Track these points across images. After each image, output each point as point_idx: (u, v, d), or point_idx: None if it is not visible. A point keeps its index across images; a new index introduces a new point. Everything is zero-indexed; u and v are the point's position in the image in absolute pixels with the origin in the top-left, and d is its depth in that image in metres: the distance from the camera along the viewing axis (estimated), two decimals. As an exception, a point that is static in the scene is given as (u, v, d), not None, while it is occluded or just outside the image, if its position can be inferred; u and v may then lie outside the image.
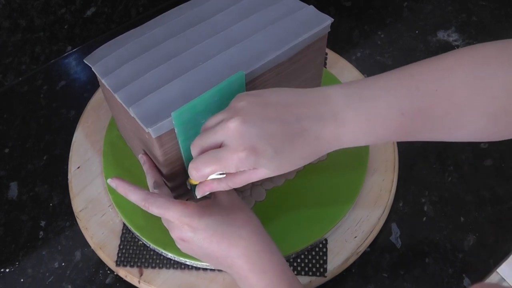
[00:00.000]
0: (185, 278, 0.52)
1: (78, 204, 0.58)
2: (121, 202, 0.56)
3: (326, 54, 0.71)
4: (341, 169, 0.58)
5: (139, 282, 0.52)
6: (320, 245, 0.54)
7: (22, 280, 0.55)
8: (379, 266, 0.54)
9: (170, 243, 0.52)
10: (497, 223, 0.57)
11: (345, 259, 0.53)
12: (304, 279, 0.52)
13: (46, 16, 0.70)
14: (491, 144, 0.64)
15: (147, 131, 0.43)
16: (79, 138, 0.64)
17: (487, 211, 0.58)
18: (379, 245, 0.56)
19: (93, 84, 0.72)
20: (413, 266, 0.54)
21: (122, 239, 0.55)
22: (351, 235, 0.54)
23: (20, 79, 0.73)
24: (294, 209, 0.55)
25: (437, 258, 0.54)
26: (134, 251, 0.54)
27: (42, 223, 0.59)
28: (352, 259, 0.53)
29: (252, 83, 0.48)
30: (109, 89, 0.46)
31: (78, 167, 0.61)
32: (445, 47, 0.76)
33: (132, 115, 0.44)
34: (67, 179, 0.61)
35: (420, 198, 0.59)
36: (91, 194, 0.59)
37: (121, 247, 0.54)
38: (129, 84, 0.46)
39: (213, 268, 0.52)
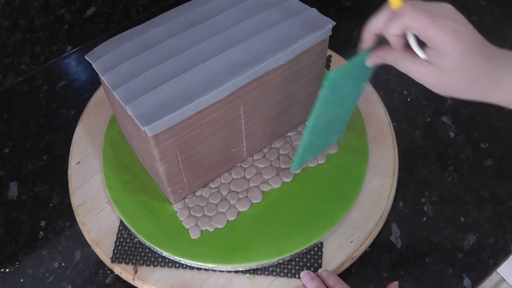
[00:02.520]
0: (179, 277, 0.52)
1: (77, 199, 0.58)
2: (118, 199, 0.56)
3: (330, 56, 0.70)
4: (339, 173, 0.58)
5: (133, 279, 0.52)
6: (316, 249, 0.54)
7: (22, 280, 0.55)
8: (379, 266, 0.54)
9: (165, 241, 0.53)
10: (497, 223, 0.57)
11: (340, 264, 0.53)
12: (297, 282, 0.52)
13: (46, 16, 0.70)
14: (491, 144, 0.64)
15: (143, 129, 0.43)
16: (80, 134, 0.64)
17: (487, 211, 0.58)
18: (379, 245, 0.56)
19: (93, 84, 0.72)
20: (413, 266, 0.54)
21: (119, 235, 0.55)
22: (346, 239, 0.54)
23: (20, 79, 0.73)
24: (291, 211, 0.55)
25: (437, 258, 0.54)
26: (129, 248, 0.54)
27: (42, 223, 0.59)
28: (347, 264, 0.53)
29: (251, 84, 0.48)
30: (108, 86, 0.46)
31: (78, 162, 0.61)
32: (445, 47, 0.75)
33: (129, 113, 0.44)
34: (67, 179, 0.61)
35: (420, 198, 0.59)
36: (90, 189, 0.59)
37: (117, 243, 0.54)
38: (128, 82, 0.46)
39: (207, 268, 0.52)
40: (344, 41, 0.77)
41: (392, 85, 0.71)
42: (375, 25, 0.43)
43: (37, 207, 0.60)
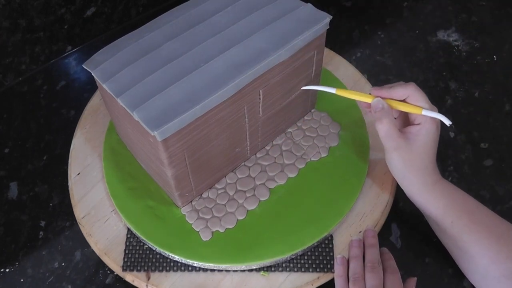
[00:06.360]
0: (194, 280, 0.52)
1: (80, 210, 0.57)
2: (124, 207, 0.55)
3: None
4: (343, 165, 0.58)
5: (146, 286, 0.52)
6: (326, 242, 0.54)
7: (22, 280, 0.55)
8: (379, 266, 0.54)
9: (176, 246, 0.52)
10: (497, 223, 0.57)
11: None
12: (312, 276, 0.52)
13: (46, 16, 0.70)
14: (491, 144, 0.64)
15: (152, 134, 0.42)
16: (77, 145, 0.63)
17: (487, 211, 0.58)
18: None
19: (93, 84, 0.72)
20: (413, 266, 0.54)
21: (127, 243, 0.55)
22: (355, 230, 0.54)
23: (20, 79, 0.73)
24: (299, 206, 0.55)
25: (437, 258, 0.54)
26: (140, 255, 0.54)
27: (42, 223, 0.59)
28: None
29: (255, 82, 0.48)
30: (111, 93, 0.46)
31: (78, 174, 0.60)
32: (445, 47, 0.76)
33: (136, 119, 0.44)
34: (67, 179, 0.61)
35: (420, 198, 0.59)
36: (93, 200, 0.58)
37: (127, 252, 0.54)
38: (131, 88, 0.45)
39: (221, 269, 0.52)
40: (344, 41, 0.77)
41: (392, 85, 0.71)
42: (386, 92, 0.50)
43: (37, 207, 0.60)
